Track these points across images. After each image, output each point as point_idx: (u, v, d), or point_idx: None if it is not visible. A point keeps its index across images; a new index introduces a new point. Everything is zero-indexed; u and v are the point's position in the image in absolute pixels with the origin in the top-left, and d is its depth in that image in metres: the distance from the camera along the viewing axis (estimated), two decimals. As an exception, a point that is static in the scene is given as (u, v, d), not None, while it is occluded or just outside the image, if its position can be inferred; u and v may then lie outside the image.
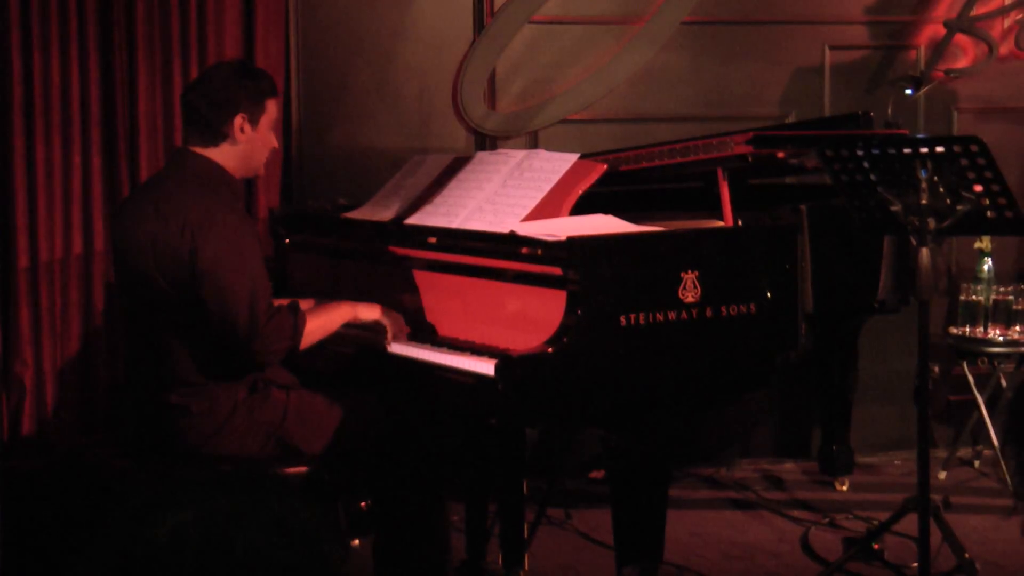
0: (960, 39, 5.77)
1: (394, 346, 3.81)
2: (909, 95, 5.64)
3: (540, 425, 4.98)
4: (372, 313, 3.86)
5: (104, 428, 4.90)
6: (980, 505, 5.14)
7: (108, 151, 4.94)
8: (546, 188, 3.82)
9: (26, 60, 4.81)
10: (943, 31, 5.71)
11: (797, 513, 5.15)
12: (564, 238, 3.45)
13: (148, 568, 1.30)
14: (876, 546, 4.45)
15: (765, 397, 5.67)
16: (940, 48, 5.71)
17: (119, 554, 1.32)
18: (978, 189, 3.66)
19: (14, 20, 4.77)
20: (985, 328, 5.43)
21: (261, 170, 3.89)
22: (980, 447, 5.69)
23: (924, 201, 3.70)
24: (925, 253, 3.76)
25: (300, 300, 4.10)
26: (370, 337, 3.89)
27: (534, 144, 5.43)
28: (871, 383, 5.72)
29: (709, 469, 5.68)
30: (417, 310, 4.00)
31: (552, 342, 3.39)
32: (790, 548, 4.78)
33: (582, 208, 3.80)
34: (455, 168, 4.24)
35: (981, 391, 5.47)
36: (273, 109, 3.80)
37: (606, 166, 3.89)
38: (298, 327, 3.65)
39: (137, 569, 1.30)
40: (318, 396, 3.76)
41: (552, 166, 3.90)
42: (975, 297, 5.46)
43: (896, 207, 3.78)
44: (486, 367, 3.39)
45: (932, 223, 3.73)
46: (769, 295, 3.74)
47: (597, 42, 5.57)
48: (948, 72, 5.73)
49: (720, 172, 3.92)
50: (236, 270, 3.55)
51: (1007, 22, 5.81)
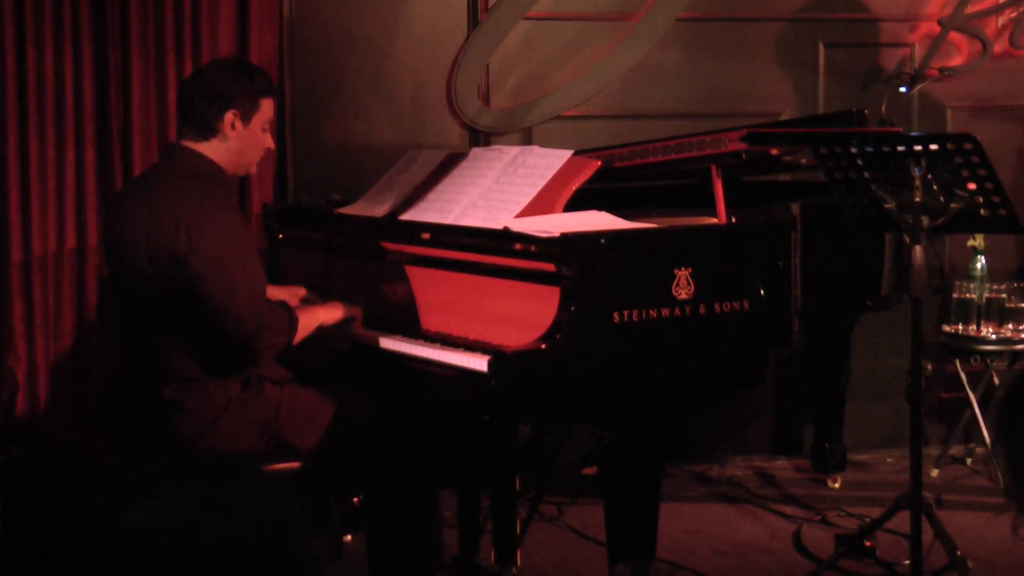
0: (954, 37, 5.77)
1: (388, 341, 3.80)
2: (903, 93, 5.65)
3: (533, 421, 4.98)
4: (336, 313, 3.88)
5: (97, 423, 4.89)
6: (972, 503, 5.15)
7: (102, 146, 4.94)
8: (540, 184, 3.82)
9: (20, 54, 4.80)
10: (937, 29, 5.72)
11: (789, 510, 5.16)
12: (558, 234, 3.45)
13: (126, 559, 1.30)
14: (868, 543, 4.45)
15: (758, 394, 5.67)
16: (934, 46, 5.71)
17: (98, 545, 1.32)
18: (972, 187, 3.67)
19: (7, 14, 4.76)
20: (978, 326, 5.43)
21: (252, 169, 3.87)
22: (972, 445, 5.70)
23: (918, 199, 3.71)
24: (919, 251, 3.76)
25: (297, 288, 4.12)
26: (342, 330, 3.94)
27: (528, 140, 5.43)
28: (864, 381, 5.73)
29: (702, 466, 5.68)
30: (410, 306, 3.99)
31: (545, 338, 3.39)
32: (782, 545, 4.79)
33: (576, 204, 3.80)
34: (449, 164, 4.24)
35: (974, 389, 5.48)
36: (268, 108, 3.79)
37: (600, 163, 3.89)
38: (293, 322, 3.67)
39: (115, 559, 1.30)
40: (311, 391, 3.76)
41: (546, 162, 3.90)
42: (968, 295, 5.47)
43: (890, 205, 3.79)
44: (479, 363, 3.39)
45: (926, 221, 3.73)
46: (762, 292, 3.74)
47: (592, 39, 5.56)
48: (942, 70, 5.74)
49: (714, 169, 3.92)
50: (237, 265, 3.57)
51: (1001, 20, 5.81)
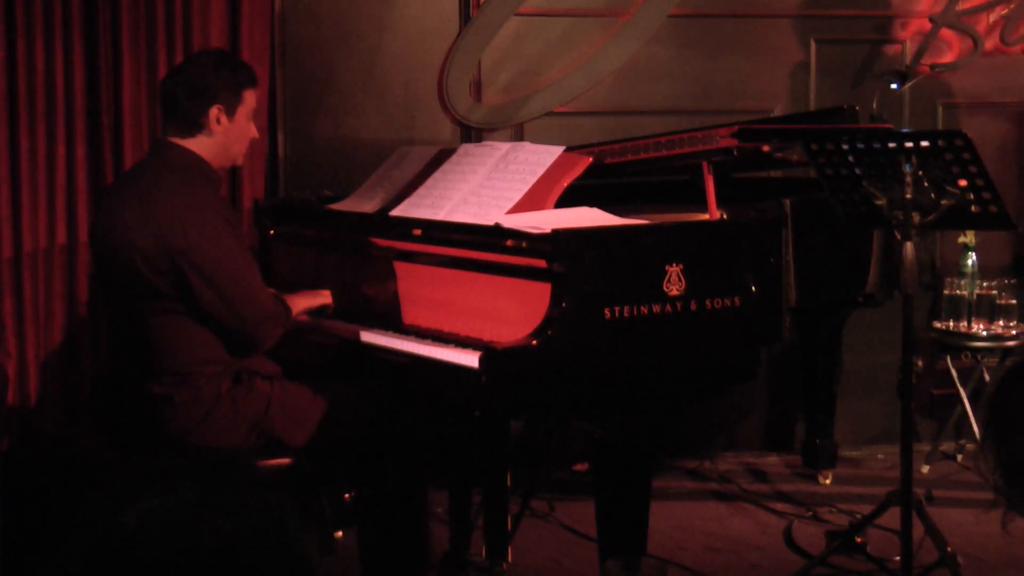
0: (945, 34, 5.78)
1: (378, 337, 3.80)
2: (894, 89, 5.65)
3: (524, 417, 4.99)
4: (312, 301, 3.97)
5: (87, 418, 4.88)
6: (963, 499, 5.15)
7: (92, 141, 4.93)
8: (531, 181, 3.82)
9: (10, 49, 4.78)
10: (928, 25, 5.72)
11: (780, 506, 5.16)
12: (549, 231, 3.45)
13: (115, 556, 1.30)
14: (859, 539, 4.45)
15: (749, 390, 5.67)
16: (925, 42, 5.71)
17: (88, 541, 1.31)
18: (963, 184, 3.67)
19: (-2, 9, 4.76)
20: (969, 322, 5.44)
21: (239, 160, 3.91)
22: (963, 441, 5.71)
23: (909, 195, 3.71)
24: (909, 247, 3.77)
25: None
26: (338, 325, 3.98)
27: (520, 137, 5.42)
28: (855, 377, 5.74)
29: (693, 462, 5.68)
30: (401, 301, 3.99)
31: (536, 334, 3.39)
32: (773, 541, 4.79)
33: (567, 201, 3.80)
34: (440, 160, 4.24)
35: (964, 385, 5.49)
36: (251, 99, 3.80)
37: (591, 159, 3.89)
38: (288, 312, 3.72)
39: (104, 557, 1.30)
40: (302, 387, 3.77)
41: (537, 159, 3.90)
42: (959, 291, 5.48)
43: (881, 201, 3.79)
44: (470, 359, 3.39)
45: (916, 217, 3.74)
46: (753, 288, 3.75)
47: (583, 35, 5.56)
48: (933, 67, 5.74)
49: (705, 165, 3.92)
50: (239, 259, 3.63)
51: (992, 17, 5.82)
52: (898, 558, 4.07)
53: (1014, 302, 5.42)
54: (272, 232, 4.63)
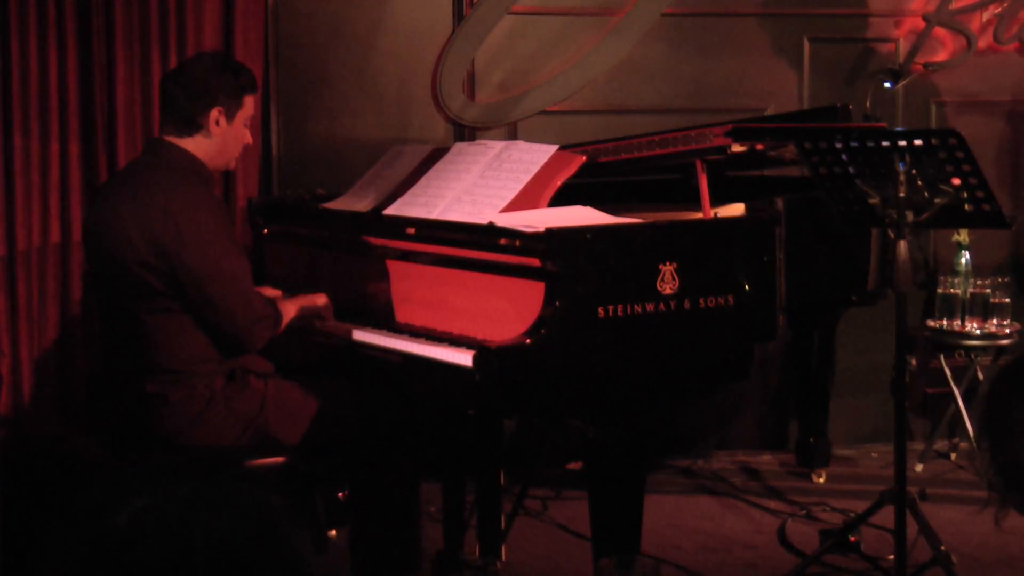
0: (939, 32, 5.78)
1: (372, 336, 3.80)
2: (888, 88, 5.66)
3: (517, 416, 4.99)
4: (291, 311, 3.90)
5: (82, 417, 4.88)
6: (956, 497, 5.16)
7: (86, 140, 4.92)
8: (525, 179, 3.82)
9: (3, 47, 4.77)
10: (922, 24, 5.72)
11: (774, 505, 5.17)
12: (543, 229, 3.45)
13: (109, 557, 1.30)
14: (853, 538, 4.45)
15: (743, 388, 5.67)
16: (919, 41, 5.72)
17: (81, 541, 1.31)
18: (956, 182, 3.67)
19: (-9, 8, 4.75)
20: (962, 321, 5.44)
21: (232, 164, 3.91)
22: (957, 440, 5.71)
23: (902, 194, 3.71)
24: (903, 246, 3.77)
25: (265, 289, 4.13)
26: (333, 326, 3.98)
27: (513, 135, 5.43)
28: (849, 375, 5.74)
29: (686, 461, 5.68)
30: (394, 300, 3.99)
31: (530, 333, 3.38)
32: (767, 540, 4.79)
33: (561, 199, 3.80)
34: (434, 159, 4.24)
35: (958, 384, 5.50)
36: (250, 105, 3.80)
37: (585, 157, 3.89)
38: (279, 314, 3.71)
39: (97, 556, 1.30)
40: (295, 386, 3.77)
41: (531, 157, 3.90)
42: (953, 290, 5.48)
43: (874, 200, 3.79)
44: (464, 358, 3.39)
45: (910, 216, 3.73)
46: (747, 287, 3.75)
47: (577, 33, 5.56)
48: (927, 65, 5.74)
49: (699, 164, 3.92)
50: (231, 260, 3.62)
51: (985, 15, 5.82)
52: (892, 556, 4.07)
53: (1008, 301, 5.42)
54: (265, 231, 4.63)
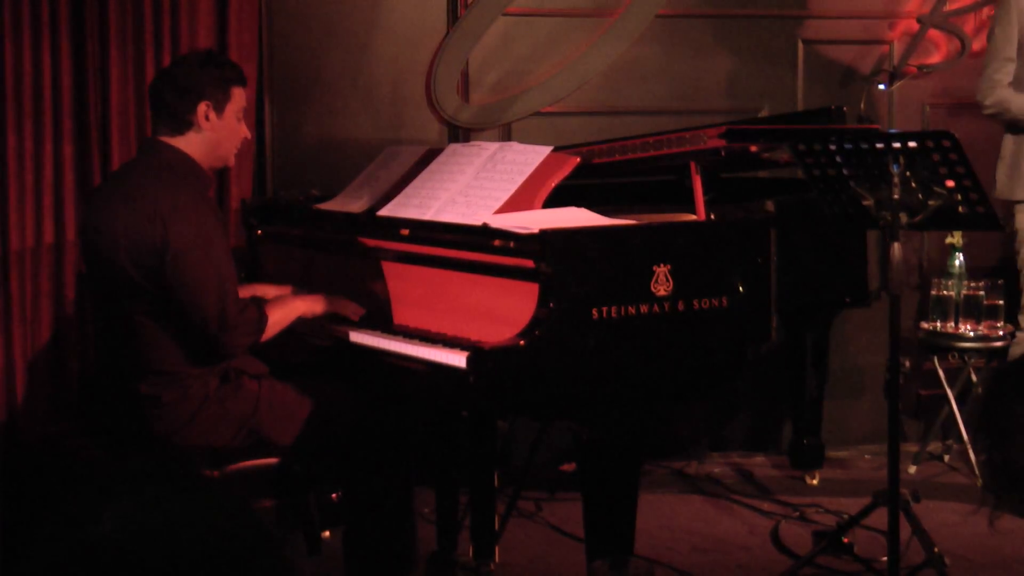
0: (933, 35, 5.79)
1: (366, 337, 3.80)
2: (882, 90, 5.66)
3: (511, 417, 4.99)
4: (317, 306, 3.88)
5: (75, 418, 4.86)
6: (950, 499, 5.16)
7: (80, 140, 4.91)
8: (519, 181, 3.82)
9: (-3, 47, 4.78)
10: (916, 26, 5.73)
11: (767, 506, 5.17)
12: (537, 231, 3.45)
13: (92, 563, 1.29)
14: (846, 540, 4.46)
15: (736, 390, 5.67)
16: (913, 43, 5.73)
17: (65, 548, 1.31)
18: (950, 184, 3.67)
19: (-15, 7, 4.74)
20: (956, 323, 5.45)
21: (230, 160, 3.88)
22: (950, 441, 5.71)
23: (896, 196, 3.71)
24: (897, 248, 3.77)
25: (276, 287, 4.11)
26: (329, 326, 3.94)
27: (507, 136, 5.43)
28: (842, 377, 5.74)
29: (680, 462, 5.69)
30: (389, 301, 3.99)
31: (524, 335, 3.38)
32: (760, 541, 4.80)
33: (555, 201, 3.80)
34: (428, 160, 4.24)
35: (951, 386, 5.50)
36: (240, 97, 3.79)
37: (579, 159, 3.89)
38: (262, 321, 3.67)
39: (81, 563, 1.30)
40: (289, 386, 3.76)
41: (525, 158, 3.90)
42: (946, 292, 5.49)
43: (868, 202, 3.79)
44: (458, 359, 3.38)
45: (904, 218, 3.74)
46: (741, 289, 3.75)
47: (571, 35, 5.57)
48: (921, 67, 5.75)
49: (693, 166, 3.92)
50: (207, 263, 3.56)
51: (979, 18, 5.83)
52: (885, 558, 4.08)
53: (1001, 303, 5.43)
54: (260, 232, 4.63)
